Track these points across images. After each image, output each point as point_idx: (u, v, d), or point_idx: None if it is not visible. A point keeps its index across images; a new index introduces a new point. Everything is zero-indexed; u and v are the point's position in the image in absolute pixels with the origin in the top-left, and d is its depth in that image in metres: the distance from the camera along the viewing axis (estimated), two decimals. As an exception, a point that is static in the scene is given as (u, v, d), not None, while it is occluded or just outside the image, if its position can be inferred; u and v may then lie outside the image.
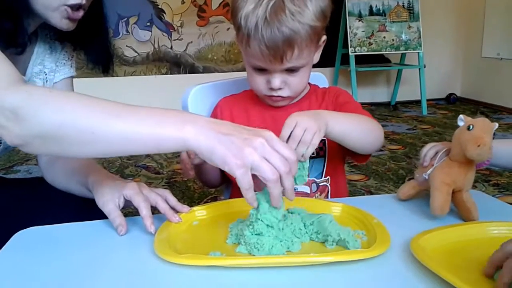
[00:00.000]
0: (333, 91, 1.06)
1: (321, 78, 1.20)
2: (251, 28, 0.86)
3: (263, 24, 0.84)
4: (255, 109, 1.03)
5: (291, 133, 0.76)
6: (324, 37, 0.95)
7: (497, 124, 0.78)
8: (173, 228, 0.74)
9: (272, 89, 0.93)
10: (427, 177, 0.82)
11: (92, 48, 1.04)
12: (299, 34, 0.85)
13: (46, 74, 1.06)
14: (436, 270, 0.58)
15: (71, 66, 1.10)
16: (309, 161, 0.98)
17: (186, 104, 1.08)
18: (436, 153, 0.85)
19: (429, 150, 0.87)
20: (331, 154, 0.99)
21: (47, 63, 1.05)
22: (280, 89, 0.93)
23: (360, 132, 0.89)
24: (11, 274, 0.63)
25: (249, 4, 0.86)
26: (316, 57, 0.97)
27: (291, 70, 0.92)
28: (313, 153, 0.98)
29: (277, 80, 0.91)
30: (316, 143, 0.77)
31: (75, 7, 0.88)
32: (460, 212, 0.80)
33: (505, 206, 0.88)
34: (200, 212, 0.81)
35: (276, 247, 0.66)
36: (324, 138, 0.97)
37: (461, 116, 0.80)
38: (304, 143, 0.76)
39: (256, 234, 0.67)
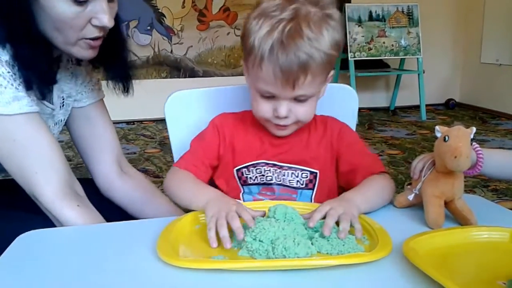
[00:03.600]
0: (336, 126, 1.01)
1: (349, 90, 1.18)
2: (266, 50, 0.83)
3: (279, 47, 0.82)
4: (254, 132, 0.99)
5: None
6: (332, 72, 0.93)
7: (474, 129, 0.78)
8: (175, 231, 0.74)
9: (278, 117, 0.90)
10: (417, 192, 0.84)
11: (111, 67, 1.04)
12: (314, 60, 0.84)
13: (63, 99, 1.07)
14: (429, 272, 0.58)
15: (99, 89, 1.13)
16: (298, 191, 0.97)
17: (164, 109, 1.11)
18: (424, 165, 0.85)
19: (418, 163, 0.87)
20: (321, 187, 0.97)
21: (66, 88, 1.06)
22: (286, 117, 0.90)
23: (381, 200, 0.89)
24: (14, 277, 0.64)
25: (264, 27, 0.84)
26: (323, 91, 0.95)
27: (299, 100, 0.89)
28: (302, 184, 0.96)
29: (284, 108, 0.88)
30: (359, 227, 0.75)
31: (95, 38, 0.90)
32: (457, 219, 0.80)
33: (504, 211, 0.89)
34: (203, 215, 0.81)
35: (278, 252, 0.66)
36: (316, 171, 0.96)
37: (436, 127, 0.80)
38: (346, 220, 0.74)
39: (259, 241, 0.67)
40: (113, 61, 1.03)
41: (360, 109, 1.05)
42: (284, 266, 0.64)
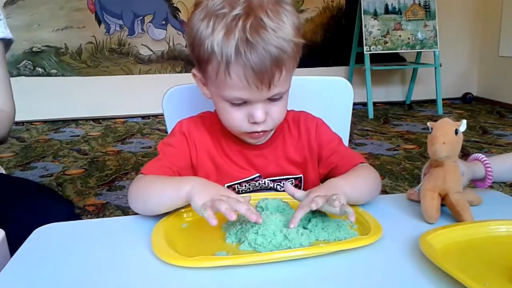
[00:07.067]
0: (311, 125, 0.96)
1: (343, 83, 1.15)
2: (231, 54, 0.75)
3: (246, 47, 0.75)
4: (226, 141, 0.93)
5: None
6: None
7: (464, 121, 0.79)
8: (166, 232, 0.72)
9: (255, 123, 0.83)
10: (418, 191, 0.85)
11: None
12: (286, 53, 0.78)
13: None
14: (446, 268, 0.58)
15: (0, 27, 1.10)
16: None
17: (161, 105, 1.09)
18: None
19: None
20: (307, 186, 0.95)
21: None
22: (263, 122, 0.84)
23: (368, 189, 0.85)
24: (30, 271, 0.64)
25: (219, 30, 0.76)
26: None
27: (272, 99, 0.83)
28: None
29: (260, 112, 0.82)
30: (351, 210, 0.70)
31: None
32: (452, 215, 0.79)
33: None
34: (188, 214, 0.80)
35: (284, 244, 0.67)
36: (300, 175, 0.95)
37: (428, 123, 0.82)
38: (338, 199, 0.69)
39: (261, 235, 0.67)
40: None
41: (375, 103, 1.05)
42: (286, 257, 0.64)
